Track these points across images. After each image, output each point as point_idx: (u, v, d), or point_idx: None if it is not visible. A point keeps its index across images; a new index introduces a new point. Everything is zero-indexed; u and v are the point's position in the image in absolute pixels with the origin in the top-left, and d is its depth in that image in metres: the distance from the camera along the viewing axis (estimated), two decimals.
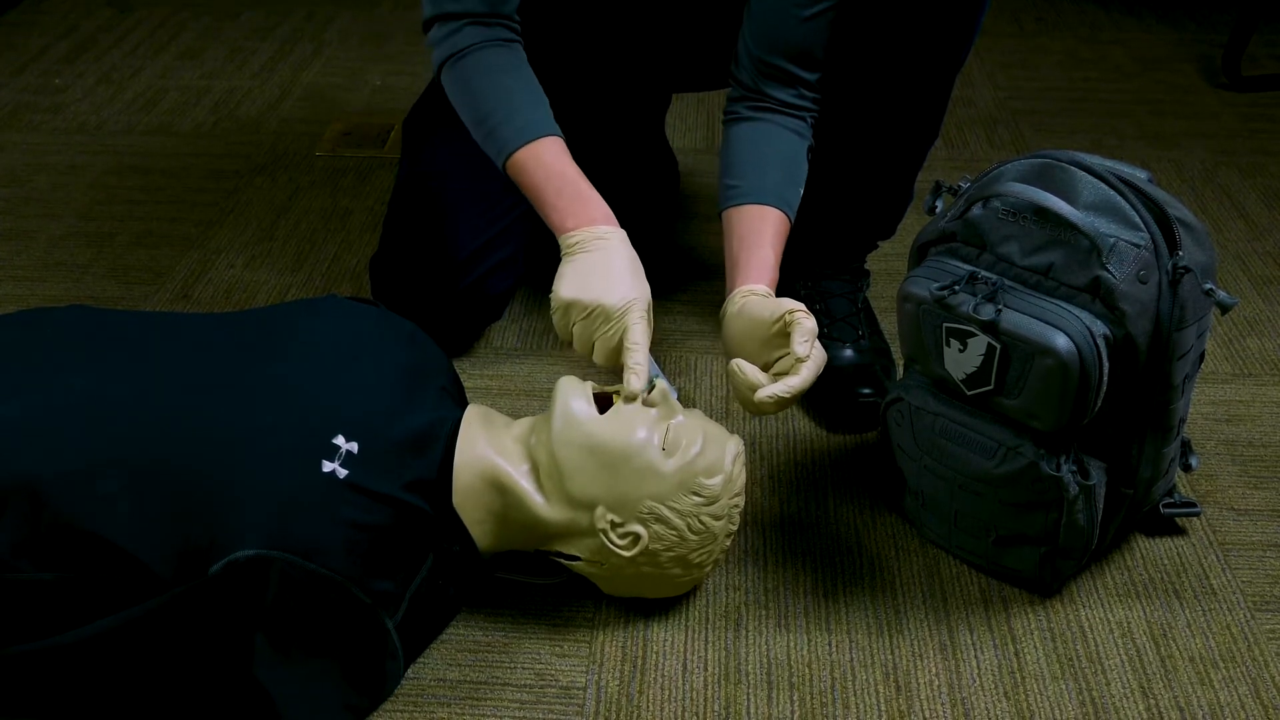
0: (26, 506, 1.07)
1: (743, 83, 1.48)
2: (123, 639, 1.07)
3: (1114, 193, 1.19)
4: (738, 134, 1.48)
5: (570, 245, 1.33)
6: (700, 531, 1.22)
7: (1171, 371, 1.21)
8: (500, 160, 1.39)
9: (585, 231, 1.33)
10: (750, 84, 1.47)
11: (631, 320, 1.27)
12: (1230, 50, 2.61)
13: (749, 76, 1.47)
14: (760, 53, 1.45)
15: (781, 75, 1.45)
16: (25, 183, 2.19)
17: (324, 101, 2.54)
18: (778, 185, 1.43)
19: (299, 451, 1.12)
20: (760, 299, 1.32)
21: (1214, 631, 1.29)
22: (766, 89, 1.46)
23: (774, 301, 1.29)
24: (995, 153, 2.33)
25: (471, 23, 1.41)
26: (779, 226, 1.41)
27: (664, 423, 1.21)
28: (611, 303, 1.28)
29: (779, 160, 1.45)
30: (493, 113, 1.39)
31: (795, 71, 1.45)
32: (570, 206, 1.35)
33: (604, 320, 1.28)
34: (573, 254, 1.32)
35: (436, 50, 1.44)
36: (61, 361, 1.20)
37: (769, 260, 1.37)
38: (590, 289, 1.29)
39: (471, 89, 1.41)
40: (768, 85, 1.46)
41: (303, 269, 1.93)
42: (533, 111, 1.40)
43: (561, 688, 1.22)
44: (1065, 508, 1.23)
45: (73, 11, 2.99)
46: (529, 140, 1.37)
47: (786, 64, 1.44)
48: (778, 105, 1.47)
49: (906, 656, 1.26)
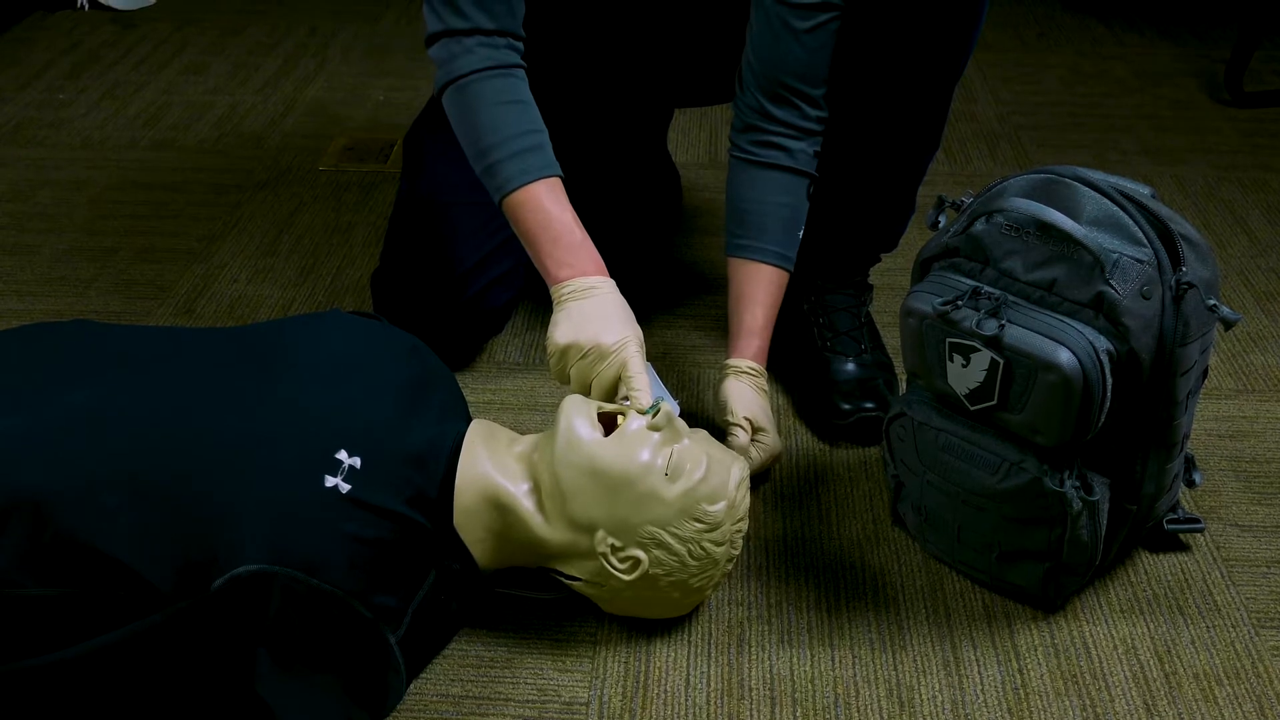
0: (29, 522, 1.07)
1: (749, 106, 1.49)
2: (125, 654, 1.07)
3: (1117, 208, 1.19)
4: (742, 180, 1.52)
5: (563, 295, 1.36)
6: (701, 557, 1.22)
7: (1175, 387, 1.21)
8: (497, 198, 1.41)
9: (577, 281, 1.36)
10: (756, 107, 1.48)
11: (629, 354, 1.31)
12: (1233, 66, 2.61)
13: (754, 99, 1.48)
14: (763, 72, 1.46)
15: (785, 95, 1.46)
16: (29, 198, 2.20)
17: (327, 117, 2.54)
18: (777, 241, 1.51)
19: (301, 466, 1.12)
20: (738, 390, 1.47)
21: (1218, 648, 1.29)
22: (772, 111, 1.47)
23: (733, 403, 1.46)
24: (998, 168, 2.33)
25: (478, 42, 1.41)
26: (775, 285, 1.51)
27: (668, 447, 1.21)
28: (607, 342, 1.31)
29: (779, 210, 1.51)
30: (493, 148, 1.40)
31: (800, 88, 1.45)
32: (564, 256, 1.37)
33: (599, 359, 1.31)
34: (565, 302, 1.36)
35: (440, 70, 1.44)
36: (64, 377, 1.20)
37: (758, 325, 1.50)
38: (585, 331, 1.32)
39: (472, 120, 1.42)
40: (773, 106, 1.47)
41: (306, 284, 1.93)
42: (532, 151, 1.41)
43: (564, 703, 1.22)
44: (1069, 523, 1.23)
45: (76, 27, 3.00)
46: (526, 182, 1.39)
47: (791, 81, 1.45)
48: (783, 132, 1.48)
49: (910, 672, 1.26)
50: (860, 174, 1.57)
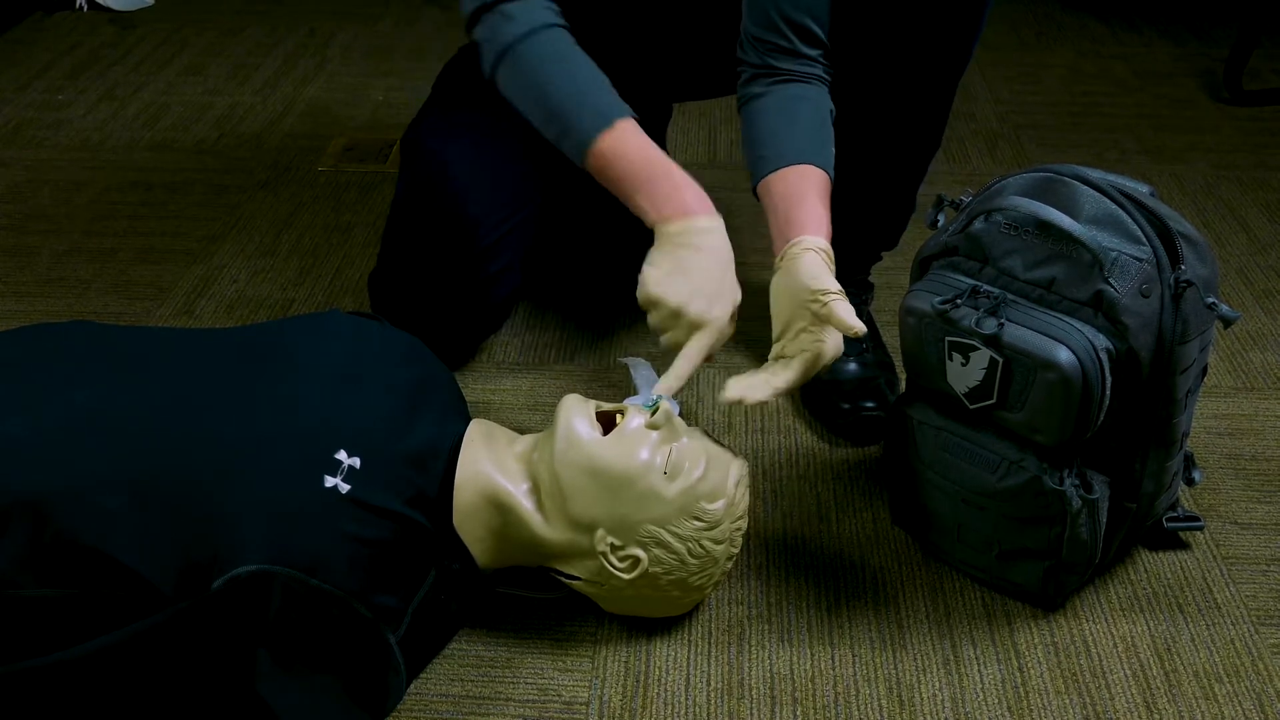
0: (29, 523, 1.07)
1: (749, 62, 1.45)
2: (125, 655, 1.07)
3: (1116, 207, 1.19)
4: (758, 108, 1.44)
5: (667, 235, 1.31)
6: (701, 556, 1.22)
7: (1174, 385, 1.21)
8: (580, 154, 1.37)
9: (682, 223, 1.31)
10: (757, 61, 1.44)
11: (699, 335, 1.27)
12: (1232, 65, 2.61)
13: (755, 55, 1.44)
14: (758, 31, 1.42)
15: (784, 48, 1.42)
16: (28, 198, 2.20)
17: (326, 117, 2.54)
18: (813, 145, 1.39)
19: (301, 466, 1.12)
20: (821, 263, 1.28)
21: (1218, 646, 1.29)
22: (774, 62, 1.43)
23: (825, 276, 1.26)
24: (997, 167, 2.33)
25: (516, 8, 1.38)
26: (823, 184, 1.37)
27: (667, 445, 1.21)
28: (691, 312, 1.28)
29: (808, 121, 1.42)
30: (561, 107, 1.37)
31: (797, 46, 1.42)
32: (666, 194, 1.32)
33: (675, 322, 1.28)
34: (668, 248, 1.31)
35: (485, 48, 1.40)
36: (64, 378, 1.20)
37: (822, 215, 1.34)
38: (677, 290, 1.28)
39: (533, 83, 1.38)
40: (774, 58, 1.43)
41: (305, 284, 1.93)
42: (600, 96, 1.37)
43: (564, 703, 1.22)
44: (1068, 522, 1.23)
45: (75, 28, 3.00)
46: (604, 127, 1.35)
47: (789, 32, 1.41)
48: (790, 75, 1.43)
49: (910, 671, 1.26)
50: (862, 173, 1.57)
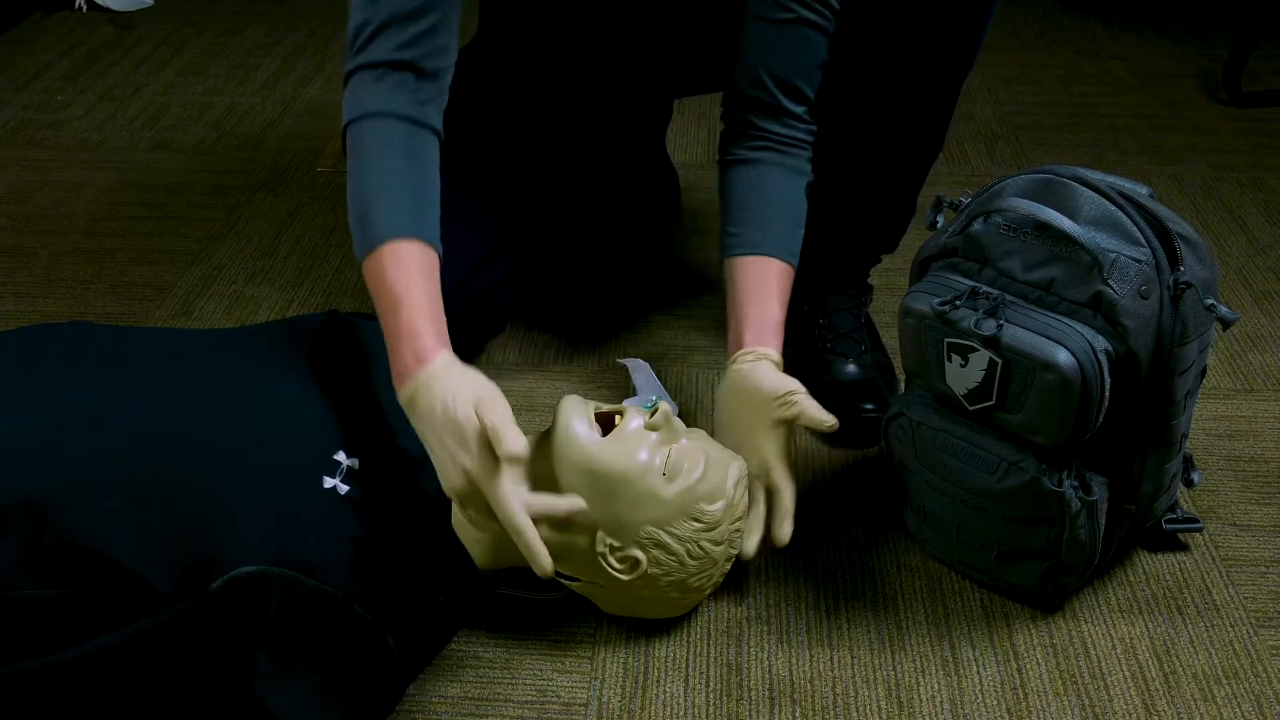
0: (28, 524, 1.07)
1: (733, 118, 1.45)
2: (124, 656, 1.07)
3: (1115, 208, 1.19)
4: (736, 177, 1.43)
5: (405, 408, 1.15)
6: (700, 557, 1.22)
7: (1173, 387, 1.21)
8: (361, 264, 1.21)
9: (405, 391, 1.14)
10: (741, 119, 1.43)
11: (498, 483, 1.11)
12: (1231, 66, 2.61)
13: (739, 112, 1.44)
14: (744, 86, 1.42)
15: (768, 104, 1.41)
16: (27, 199, 2.20)
17: (325, 117, 2.54)
18: (781, 234, 1.39)
19: (300, 467, 1.12)
20: (769, 368, 1.30)
21: (1217, 647, 1.29)
22: (756, 120, 1.42)
23: (783, 379, 1.29)
24: (996, 168, 2.33)
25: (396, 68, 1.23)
26: (784, 279, 1.37)
27: (666, 446, 1.20)
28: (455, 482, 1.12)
29: (781, 205, 1.41)
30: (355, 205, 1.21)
31: (781, 103, 1.41)
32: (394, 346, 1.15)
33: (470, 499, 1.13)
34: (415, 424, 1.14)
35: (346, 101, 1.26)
36: (63, 378, 1.20)
37: (776, 318, 1.34)
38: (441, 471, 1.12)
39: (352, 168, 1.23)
40: (756, 116, 1.42)
41: (304, 285, 1.93)
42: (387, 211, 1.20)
43: (563, 704, 1.22)
44: (1067, 523, 1.23)
45: (75, 29, 3.00)
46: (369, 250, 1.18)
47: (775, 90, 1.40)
48: (773, 140, 1.42)
49: (909, 672, 1.26)
50: (862, 177, 1.57)
